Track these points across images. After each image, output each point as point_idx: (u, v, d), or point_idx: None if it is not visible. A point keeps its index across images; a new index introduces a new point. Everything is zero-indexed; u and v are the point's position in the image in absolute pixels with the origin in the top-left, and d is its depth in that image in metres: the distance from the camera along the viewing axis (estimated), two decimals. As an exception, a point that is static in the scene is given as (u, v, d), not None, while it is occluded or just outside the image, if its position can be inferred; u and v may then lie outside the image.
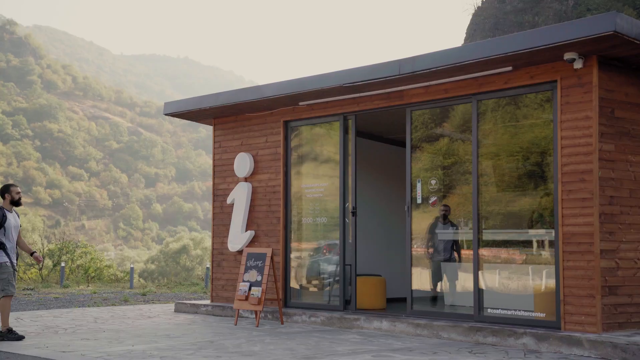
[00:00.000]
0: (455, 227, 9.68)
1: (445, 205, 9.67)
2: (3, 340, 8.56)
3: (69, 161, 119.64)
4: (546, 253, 8.53)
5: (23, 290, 18.02)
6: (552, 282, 8.29)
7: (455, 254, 9.83)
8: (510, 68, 8.54)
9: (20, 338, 8.60)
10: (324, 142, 11.10)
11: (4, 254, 8.72)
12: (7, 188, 9.05)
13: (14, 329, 8.81)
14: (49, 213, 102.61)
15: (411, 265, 9.68)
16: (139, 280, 28.70)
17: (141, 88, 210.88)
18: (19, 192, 9.08)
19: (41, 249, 26.71)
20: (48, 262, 25.30)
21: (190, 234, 70.31)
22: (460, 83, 9.13)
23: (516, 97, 8.82)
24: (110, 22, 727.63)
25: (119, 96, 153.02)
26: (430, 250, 10.00)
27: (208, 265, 24.43)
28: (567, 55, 7.96)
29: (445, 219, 9.78)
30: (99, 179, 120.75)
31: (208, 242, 51.71)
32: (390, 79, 9.30)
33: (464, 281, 9.46)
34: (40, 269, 24.14)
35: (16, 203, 9.05)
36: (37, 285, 20.09)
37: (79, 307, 13.56)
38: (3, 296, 8.69)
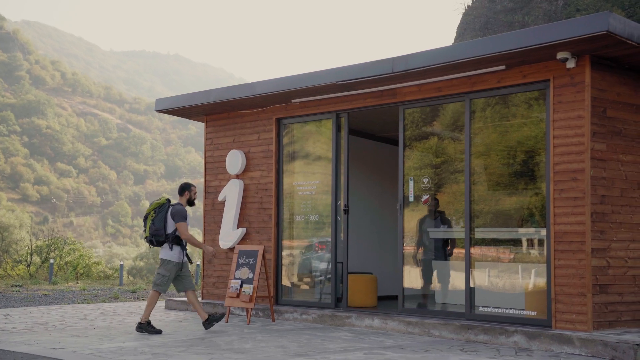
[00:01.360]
0: (447, 224, 9.64)
1: (433, 199, 9.64)
2: (142, 332, 8.78)
3: (57, 157, 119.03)
4: (537, 252, 8.56)
5: (11, 287, 17.92)
6: (543, 281, 8.32)
7: (449, 250, 9.78)
8: (503, 67, 8.56)
9: (158, 332, 8.81)
10: (317, 139, 11.09)
11: (179, 251, 9.01)
12: (188, 186, 9.28)
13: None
14: (37, 209, 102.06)
15: (403, 263, 9.69)
16: (128, 277, 28.62)
17: (130, 85, 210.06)
18: (196, 192, 9.36)
19: (29, 246, 26.58)
20: (36, 259, 25.18)
21: (179, 231, 69.95)
22: (453, 81, 9.14)
23: (509, 96, 8.84)
24: (100, 18, 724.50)
25: (108, 92, 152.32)
26: (421, 249, 9.97)
27: (198, 263, 24.38)
28: (560, 55, 7.99)
29: (435, 214, 9.73)
30: (88, 175, 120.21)
31: (198, 239, 51.55)
32: (383, 77, 9.30)
33: (455, 280, 9.47)
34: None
35: (192, 203, 9.31)
36: (26, 282, 19.99)
37: (69, 303, 13.50)
38: (154, 290, 8.95)
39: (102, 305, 13.08)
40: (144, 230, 9.10)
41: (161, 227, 8.93)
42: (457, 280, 9.35)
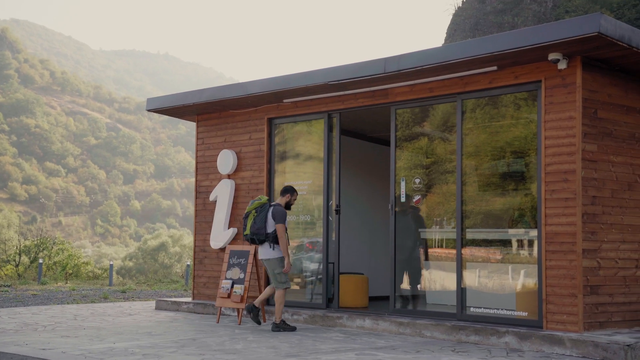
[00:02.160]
0: (419, 221, 9.64)
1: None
2: (279, 331, 9.10)
3: (46, 157, 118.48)
4: (528, 252, 8.58)
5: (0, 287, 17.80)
6: (534, 282, 8.34)
7: (421, 250, 9.78)
8: (495, 68, 8.58)
9: (293, 329, 9.16)
10: (308, 139, 11.08)
11: (279, 249, 9.21)
12: (291, 190, 9.52)
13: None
14: (25, 209, 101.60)
15: (395, 263, 9.68)
16: (117, 278, 28.52)
17: (120, 84, 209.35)
18: (296, 198, 9.60)
19: (17, 246, 26.44)
20: (25, 259, 25.05)
21: (168, 231, 69.85)
22: (445, 82, 9.15)
23: (500, 97, 8.85)
24: (89, 17, 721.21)
25: (97, 92, 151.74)
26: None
27: (188, 263, 24.33)
28: (552, 56, 8.01)
29: (407, 210, 9.72)
30: (77, 175, 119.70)
31: (186, 240, 51.44)
32: (375, 77, 9.29)
33: (434, 280, 9.47)
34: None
35: (289, 206, 9.53)
36: (14, 282, 19.88)
37: (58, 304, 13.43)
38: (283, 288, 9.26)
39: (92, 305, 13.01)
40: (245, 228, 9.35)
41: (262, 226, 9.21)
42: (439, 280, 9.35)
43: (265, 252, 9.29)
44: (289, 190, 9.51)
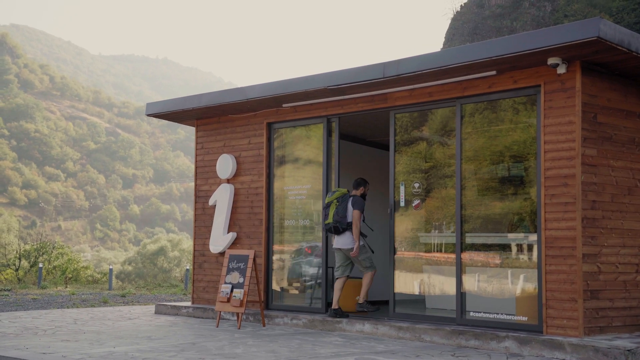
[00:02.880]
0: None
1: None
2: (363, 311, 9.62)
3: (45, 161, 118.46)
4: (528, 257, 8.58)
5: (0, 291, 17.78)
6: (533, 286, 8.34)
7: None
8: (494, 72, 8.58)
9: (377, 309, 9.58)
10: (307, 144, 11.08)
11: (361, 238, 9.69)
12: (364, 183, 9.95)
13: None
14: (25, 213, 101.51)
15: (394, 268, 9.68)
16: (117, 282, 28.51)
17: (119, 89, 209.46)
18: (368, 189, 9.96)
19: (17, 250, 26.42)
20: (24, 263, 25.03)
21: (167, 235, 69.75)
22: (444, 86, 9.16)
23: (499, 102, 8.86)
24: (89, 22, 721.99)
25: (96, 96, 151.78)
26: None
27: (187, 267, 24.31)
28: (551, 60, 8.02)
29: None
30: (76, 179, 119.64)
31: (186, 244, 51.42)
32: (374, 82, 9.31)
33: (443, 284, 9.47)
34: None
35: (364, 198, 9.89)
36: (14, 286, 19.86)
37: (58, 308, 13.42)
38: (371, 271, 9.67)
39: (92, 309, 13.00)
40: (325, 216, 9.64)
41: (344, 215, 9.56)
42: (438, 285, 9.35)
43: (344, 241, 9.59)
44: (362, 183, 9.86)
